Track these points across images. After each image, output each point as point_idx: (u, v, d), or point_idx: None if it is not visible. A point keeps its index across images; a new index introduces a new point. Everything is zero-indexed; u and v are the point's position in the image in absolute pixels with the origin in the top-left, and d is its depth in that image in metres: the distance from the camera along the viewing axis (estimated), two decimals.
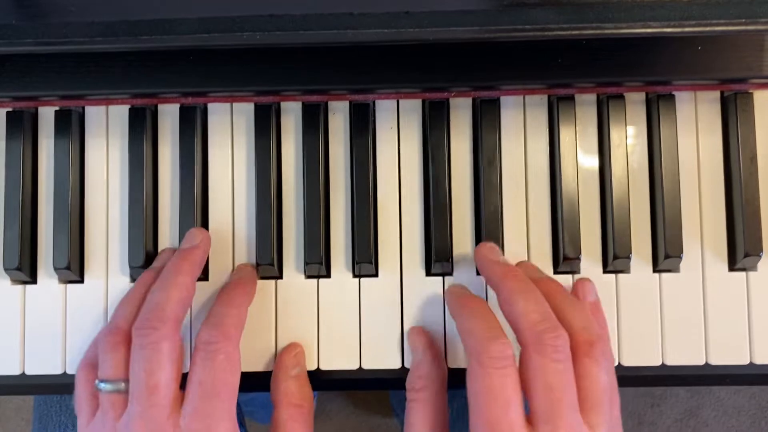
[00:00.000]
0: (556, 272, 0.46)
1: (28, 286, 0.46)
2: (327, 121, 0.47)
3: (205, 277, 0.46)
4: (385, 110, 0.47)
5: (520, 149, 0.46)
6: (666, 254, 0.45)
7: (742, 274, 0.46)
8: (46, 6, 0.39)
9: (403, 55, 0.44)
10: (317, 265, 0.45)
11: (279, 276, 0.46)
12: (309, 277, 0.46)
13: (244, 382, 0.45)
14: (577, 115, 0.46)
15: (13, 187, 0.46)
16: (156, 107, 0.47)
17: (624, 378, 0.45)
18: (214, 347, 0.40)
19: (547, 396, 0.37)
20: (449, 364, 0.45)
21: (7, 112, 0.47)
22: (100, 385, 0.40)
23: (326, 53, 0.44)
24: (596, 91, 0.46)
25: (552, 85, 0.45)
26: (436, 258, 0.45)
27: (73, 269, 0.46)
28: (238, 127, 0.47)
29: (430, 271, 0.46)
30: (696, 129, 0.46)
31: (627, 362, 0.45)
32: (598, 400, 0.38)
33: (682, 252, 0.45)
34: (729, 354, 0.45)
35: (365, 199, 0.45)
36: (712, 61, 0.44)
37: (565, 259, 0.45)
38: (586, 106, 0.47)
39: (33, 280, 0.47)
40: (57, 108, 0.47)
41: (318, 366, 0.46)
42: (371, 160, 0.46)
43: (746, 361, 0.45)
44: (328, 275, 0.46)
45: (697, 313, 0.45)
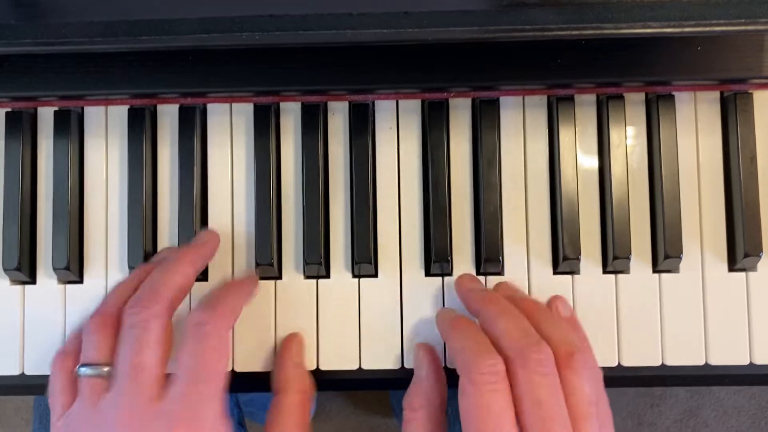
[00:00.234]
0: (556, 272, 0.46)
1: (28, 287, 0.46)
2: (326, 122, 0.47)
3: (204, 277, 0.46)
4: (384, 110, 0.47)
5: (519, 149, 0.46)
6: (666, 255, 0.45)
7: (742, 275, 0.46)
8: (45, 6, 0.39)
9: (402, 55, 0.44)
10: (317, 265, 0.45)
11: (278, 276, 0.46)
12: (308, 277, 0.46)
13: (244, 383, 0.45)
14: (576, 116, 0.46)
15: (13, 187, 0.46)
16: (155, 107, 0.47)
17: (624, 378, 0.45)
18: (205, 329, 0.39)
19: (536, 412, 0.37)
20: (448, 364, 0.45)
21: (6, 113, 0.47)
22: (81, 370, 0.39)
23: (326, 53, 0.44)
24: (596, 92, 0.46)
25: (552, 85, 0.45)
26: (436, 258, 0.45)
27: (73, 269, 0.46)
28: (238, 128, 0.47)
29: (430, 272, 0.46)
30: (696, 129, 0.46)
31: (627, 362, 0.45)
32: (584, 413, 0.38)
33: (682, 252, 0.45)
34: (729, 354, 0.45)
35: (365, 199, 0.45)
36: (712, 61, 0.44)
37: (564, 260, 0.45)
38: (586, 107, 0.47)
39: (32, 281, 0.47)
40: (56, 108, 0.47)
41: (318, 366, 0.46)
42: (371, 161, 0.46)
43: (746, 362, 0.45)
44: (328, 275, 0.46)
45: (696, 313, 0.45)
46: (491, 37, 0.39)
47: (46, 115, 0.47)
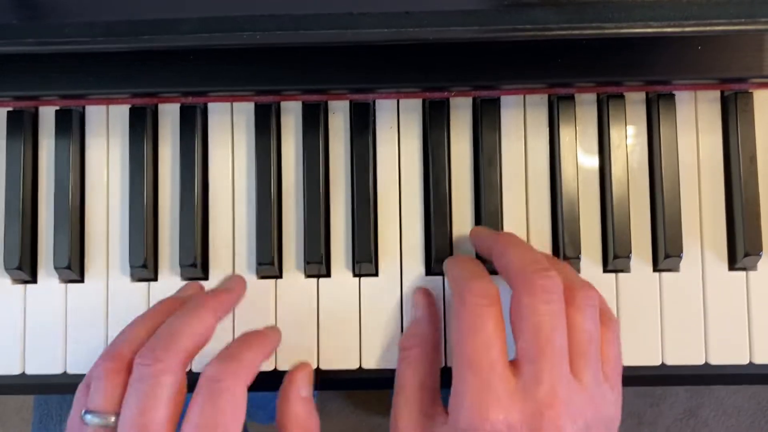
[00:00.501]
0: None
1: (29, 286, 0.46)
2: (327, 121, 0.47)
3: (205, 276, 0.46)
4: (385, 110, 0.47)
5: (520, 149, 0.46)
6: (666, 254, 0.45)
7: (742, 274, 0.46)
8: (46, 6, 0.39)
9: (403, 54, 0.44)
10: (317, 264, 0.45)
11: (279, 275, 0.46)
12: (309, 276, 0.46)
13: None
14: (577, 115, 0.46)
15: (14, 186, 0.46)
16: (156, 107, 0.47)
17: (624, 378, 0.45)
18: (220, 386, 0.36)
19: (534, 336, 0.36)
20: (448, 363, 0.45)
21: (8, 112, 0.47)
22: (86, 417, 0.36)
23: (327, 53, 0.44)
24: (596, 91, 0.46)
25: (552, 84, 0.45)
26: (437, 257, 0.45)
27: (74, 269, 0.46)
28: (239, 127, 0.47)
29: (430, 271, 0.46)
30: (696, 129, 0.46)
31: (627, 361, 0.45)
32: (583, 350, 0.37)
33: (682, 251, 0.45)
34: (729, 353, 0.45)
35: (365, 198, 0.45)
36: (712, 61, 0.44)
37: (565, 259, 0.45)
38: (586, 106, 0.47)
39: (33, 280, 0.47)
40: (57, 107, 0.47)
41: (318, 366, 0.46)
42: (371, 160, 0.46)
43: (746, 361, 0.45)
44: (328, 275, 0.46)
45: (697, 312, 0.45)
46: (492, 37, 0.39)
47: (48, 115, 0.47)
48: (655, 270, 0.46)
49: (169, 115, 0.47)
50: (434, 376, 0.41)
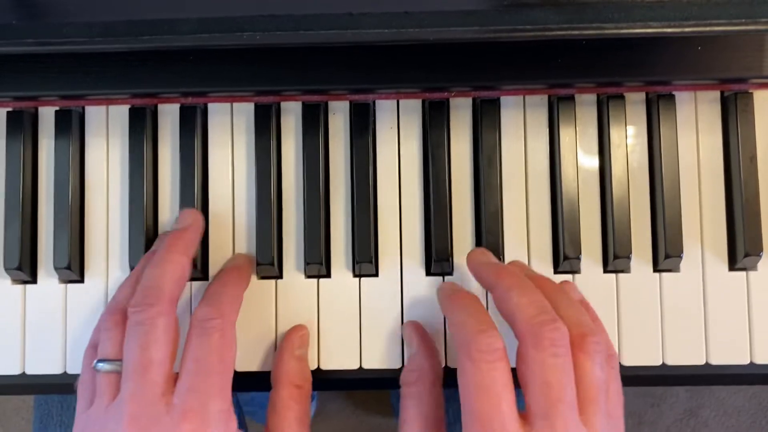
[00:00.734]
0: (557, 272, 0.46)
1: (29, 286, 0.46)
2: (327, 121, 0.47)
3: (205, 276, 0.46)
4: (385, 110, 0.47)
5: (520, 149, 0.46)
6: (666, 254, 0.45)
7: (742, 274, 0.46)
8: (46, 6, 0.39)
9: (403, 54, 0.44)
10: (317, 264, 0.45)
11: (279, 276, 0.46)
12: (309, 276, 0.46)
13: (244, 382, 0.45)
14: (577, 115, 0.46)
15: (14, 186, 0.46)
16: (156, 107, 0.47)
17: (624, 378, 0.45)
18: (210, 324, 0.40)
19: (544, 393, 0.36)
20: (449, 363, 0.45)
21: (8, 112, 0.47)
22: (98, 365, 0.40)
23: (327, 53, 0.44)
24: (596, 91, 0.46)
25: (552, 84, 0.45)
26: (436, 258, 0.45)
27: (74, 269, 0.46)
28: (238, 127, 0.47)
29: (430, 271, 0.46)
30: (696, 129, 0.46)
31: (627, 362, 0.45)
32: (593, 397, 0.37)
33: (682, 252, 0.45)
34: (729, 354, 0.45)
35: (365, 198, 0.45)
36: (712, 61, 0.44)
37: (565, 259, 0.45)
38: (586, 106, 0.47)
39: (33, 280, 0.47)
40: (57, 108, 0.47)
41: (318, 366, 0.46)
42: (371, 160, 0.46)
43: (746, 361, 0.45)
44: (329, 275, 0.46)
45: (697, 312, 0.45)
46: (492, 37, 0.39)
47: (47, 115, 0.47)
48: (655, 270, 0.46)
49: (169, 116, 0.47)
50: (436, 409, 0.41)
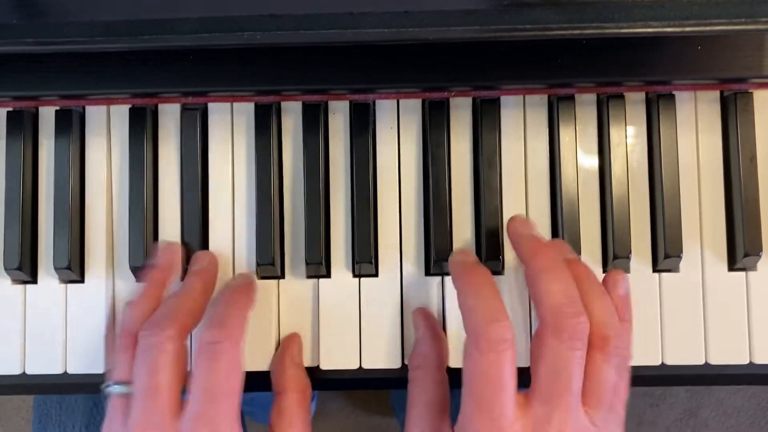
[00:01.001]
0: None
1: (29, 286, 0.46)
2: (327, 121, 0.47)
3: None
4: (385, 110, 0.47)
5: (520, 149, 0.46)
6: (666, 254, 0.45)
7: (742, 274, 0.46)
8: (46, 6, 0.39)
9: (403, 54, 0.44)
10: (317, 265, 0.45)
11: (280, 276, 0.46)
12: (309, 276, 0.46)
13: (245, 382, 0.45)
14: (577, 115, 0.46)
15: (14, 186, 0.46)
16: (156, 107, 0.47)
17: None
18: (218, 348, 0.39)
19: (552, 380, 0.36)
20: (451, 364, 0.45)
21: (8, 112, 0.47)
22: (113, 388, 0.40)
23: (327, 52, 0.44)
24: (596, 91, 0.46)
25: (552, 84, 0.45)
26: (436, 258, 0.45)
27: (74, 269, 0.46)
28: (239, 127, 0.47)
29: (430, 271, 0.46)
30: (696, 129, 0.46)
31: None
32: (602, 397, 0.38)
33: (682, 252, 0.45)
34: (729, 353, 0.45)
35: (365, 198, 0.45)
36: (713, 61, 0.44)
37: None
38: (586, 106, 0.47)
39: (33, 280, 0.47)
40: (57, 108, 0.47)
41: (318, 366, 0.46)
42: (371, 160, 0.46)
43: (746, 361, 0.45)
44: (328, 275, 0.46)
45: (696, 312, 0.45)
46: (492, 37, 0.39)
47: (48, 115, 0.47)
48: (654, 270, 0.46)
49: (169, 115, 0.47)
50: (440, 396, 0.42)
